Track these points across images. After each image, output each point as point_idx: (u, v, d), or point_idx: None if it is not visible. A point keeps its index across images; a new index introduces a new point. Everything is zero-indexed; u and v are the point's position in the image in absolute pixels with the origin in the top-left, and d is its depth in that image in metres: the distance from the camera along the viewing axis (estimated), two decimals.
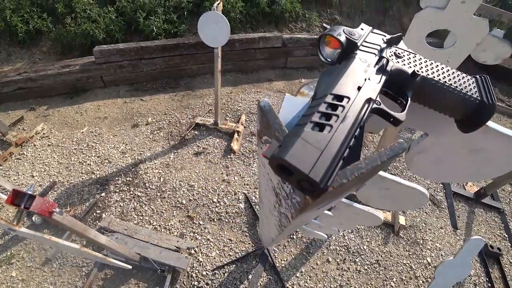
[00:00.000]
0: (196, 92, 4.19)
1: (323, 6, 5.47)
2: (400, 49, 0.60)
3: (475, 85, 0.56)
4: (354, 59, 0.53)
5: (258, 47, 4.34)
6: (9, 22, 4.40)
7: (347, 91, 0.44)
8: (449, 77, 0.56)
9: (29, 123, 3.84)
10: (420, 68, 0.56)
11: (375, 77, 0.50)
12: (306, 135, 0.36)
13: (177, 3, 4.50)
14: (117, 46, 3.98)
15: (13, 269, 2.40)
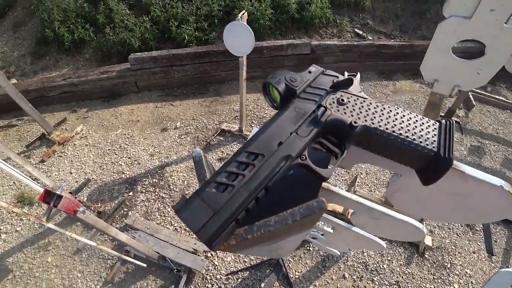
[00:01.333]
0: (224, 98, 4.27)
1: (355, 11, 5.35)
2: (348, 94, 0.54)
3: (436, 133, 0.49)
4: (288, 109, 0.51)
5: (286, 54, 4.34)
6: (58, 33, 4.82)
7: (263, 148, 0.44)
8: (400, 125, 0.50)
9: (70, 124, 4.15)
10: (364, 116, 0.50)
11: (304, 130, 0.48)
12: (205, 195, 0.38)
13: (208, 12, 4.64)
14: (151, 54, 4.18)
15: (49, 255, 2.65)
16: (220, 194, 0.39)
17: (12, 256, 2.68)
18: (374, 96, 4.24)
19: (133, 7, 5.03)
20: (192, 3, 4.69)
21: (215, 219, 0.37)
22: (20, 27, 5.96)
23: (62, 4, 5.04)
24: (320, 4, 4.76)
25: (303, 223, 0.41)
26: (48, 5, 5.14)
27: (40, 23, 5.44)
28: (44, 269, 2.56)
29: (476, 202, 0.62)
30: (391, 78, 4.64)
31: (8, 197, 3.21)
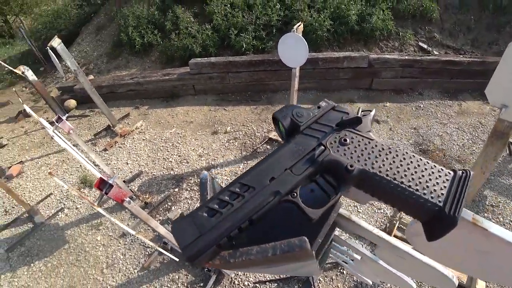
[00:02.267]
0: (276, 107, 4.31)
1: (421, 23, 5.02)
2: (353, 133, 0.51)
3: (446, 185, 0.44)
4: (288, 144, 0.51)
5: (342, 66, 4.24)
6: (130, 36, 5.34)
7: (255, 181, 0.46)
8: (404, 172, 0.45)
9: (132, 119, 4.55)
10: (365, 159, 0.47)
11: (299, 167, 0.47)
12: (196, 217, 0.43)
13: (267, 21, 4.75)
14: (209, 60, 4.41)
15: (99, 234, 2.93)
16: (209, 219, 0.42)
17: (70, 229, 3.03)
18: (436, 116, 3.92)
19: (197, 15, 5.37)
20: (252, 13, 4.84)
21: (199, 241, 0.41)
22: (101, 31, 6.72)
23: (136, 12, 5.59)
24: (382, 16, 4.57)
25: (286, 257, 0.42)
26: (125, 12, 5.74)
27: (117, 28, 6.09)
28: (93, 246, 2.84)
29: (503, 263, 0.53)
30: (456, 97, 4.25)
31: (74, 177, 3.65)
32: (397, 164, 0.46)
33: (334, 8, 4.63)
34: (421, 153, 3.38)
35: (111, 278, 2.58)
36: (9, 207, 3.43)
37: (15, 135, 4.90)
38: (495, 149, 1.75)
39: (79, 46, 6.77)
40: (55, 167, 3.92)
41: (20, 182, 3.77)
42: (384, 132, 3.67)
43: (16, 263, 2.83)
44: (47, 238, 2.99)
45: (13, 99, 6.02)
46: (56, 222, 3.13)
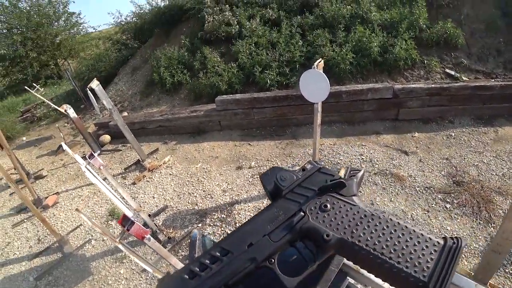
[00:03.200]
0: (300, 141, 4.32)
1: (446, 50, 4.92)
2: (336, 198, 0.50)
3: (435, 257, 0.40)
4: (269, 209, 0.51)
5: (366, 98, 4.21)
6: (162, 76, 5.74)
7: (234, 246, 0.47)
8: (386, 243, 0.43)
9: (161, 154, 4.75)
10: (345, 227, 0.46)
11: (277, 234, 0.47)
12: (179, 278, 0.45)
13: (290, 58, 4.91)
14: (234, 97, 4.59)
15: (122, 268, 2.97)
16: (189, 281, 0.45)
17: (95, 261, 3.12)
18: (469, 145, 3.71)
19: (224, 55, 5.68)
20: (276, 50, 5.04)
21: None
22: (136, 71, 7.28)
23: (168, 53, 6.03)
24: (404, 46, 4.56)
25: None
26: (158, 54, 6.22)
27: (150, 69, 6.57)
28: (116, 279, 2.89)
29: None
30: (491, 123, 4.02)
31: (103, 210, 3.83)
32: (378, 233, 0.44)
33: (355, 41, 4.71)
34: (456, 185, 3.17)
35: None
36: (43, 236, 3.64)
37: (54, 167, 5.31)
38: None
39: (116, 85, 7.35)
40: (87, 198, 4.15)
41: (55, 212, 4.01)
42: (414, 164, 3.51)
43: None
44: (74, 268, 3.11)
45: (56, 134, 6.57)
46: (83, 253, 3.26)
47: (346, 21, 5.08)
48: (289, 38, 5.13)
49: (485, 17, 5.07)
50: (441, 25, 4.78)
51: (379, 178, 3.38)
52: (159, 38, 7.59)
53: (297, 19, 5.32)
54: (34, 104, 9.53)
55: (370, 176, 3.43)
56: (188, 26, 6.87)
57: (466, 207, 2.91)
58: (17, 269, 3.29)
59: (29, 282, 3.08)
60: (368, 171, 3.51)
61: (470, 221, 2.79)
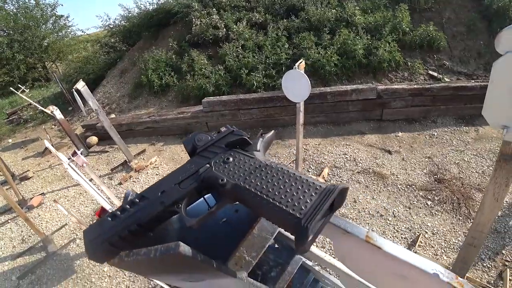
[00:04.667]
0: (285, 141, 4.36)
1: (429, 52, 5.05)
2: (238, 153, 0.57)
3: (314, 198, 0.45)
4: (185, 164, 0.58)
5: (350, 99, 4.29)
6: (150, 78, 5.75)
7: (150, 193, 0.54)
8: (273, 186, 0.48)
9: (148, 155, 4.74)
10: (240, 175, 0.51)
11: (186, 183, 0.54)
12: (102, 221, 0.51)
13: (277, 60, 4.98)
14: (221, 98, 4.62)
15: (106, 266, 2.94)
16: (109, 222, 0.50)
17: (79, 259, 3.13)
18: (451, 144, 3.80)
19: (211, 58, 5.72)
20: (262, 53, 5.10)
21: (97, 239, 0.48)
22: (124, 74, 7.26)
23: (156, 56, 6.04)
24: (388, 48, 4.66)
25: (167, 262, 0.49)
26: (146, 57, 6.22)
27: (138, 71, 6.56)
28: (99, 277, 2.89)
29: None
30: (472, 123, 4.13)
31: (89, 209, 3.82)
32: (267, 179, 0.49)
33: (340, 44, 4.80)
34: (437, 182, 3.25)
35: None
36: (27, 236, 3.61)
37: (40, 168, 5.26)
38: (505, 173, 1.67)
39: (104, 88, 7.30)
40: (73, 199, 4.12)
41: (40, 212, 3.98)
42: (397, 163, 3.59)
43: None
44: (57, 267, 3.10)
45: (43, 136, 6.50)
46: (68, 252, 3.25)
47: (331, 24, 5.18)
48: (276, 41, 5.20)
49: (465, 21, 5.23)
50: (424, 28, 4.91)
51: (362, 177, 3.44)
52: (147, 41, 7.59)
53: (283, 23, 5.41)
54: (20, 107, 9.39)
55: (354, 174, 3.49)
56: (176, 29, 6.89)
57: (447, 203, 2.99)
58: (0, 268, 3.26)
59: (12, 281, 3.06)
60: (352, 170, 3.57)
61: (450, 217, 2.86)
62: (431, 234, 2.74)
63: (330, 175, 3.56)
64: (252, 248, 0.67)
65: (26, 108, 8.89)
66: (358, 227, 0.53)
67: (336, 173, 3.58)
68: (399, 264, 0.48)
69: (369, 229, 2.74)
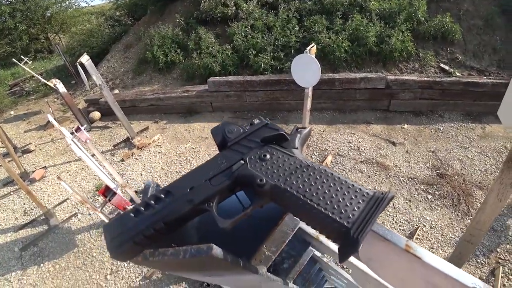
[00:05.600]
0: (290, 126, 4.32)
1: (442, 44, 4.93)
2: (276, 149, 0.52)
3: (362, 206, 0.42)
4: (215, 158, 0.54)
5: (358, 87, 4.22)
6: (155, 55, 5.63)
7: (177, 188, 0.50)
8: (316, 190, 0.45)
9: (151, 133, 4.71)
10: (279, 175, 0.48)
11: (218, 179, 0.50)
12: (123, 216, 0.48)
13: (286, 42, 4.86)
14: (227, 79, 4.54)
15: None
16: (132, 218, 0.47)
17: (81, 234, 3.16)
18: (456, 140, 3.77)
19: (219, 36, 5.59)
20: (271, 34, 4.97)
21: (120, 237, 0.46)
22: (129, 49, 7.12)
23: (162, 32, 5.90)
24: (401, 37, 4.54)
25: (195, 262, 0.46)
26: (152, 32, 6.07)
27: (143, 47, 6.43)
28: (100, 252, 2.93)
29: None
30: (480, 120, 4.08)
31: (91, 185, 3.83)
32: (310, 182, 0.46)
33: (352, 30, 4.67)
34: (439, 177, 3.24)
35: (113, 284, 2.63)
36: (29, 208, 3.64)
37: (42, 142, 5.24)
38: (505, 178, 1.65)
39: (108, 62, 7.18)
40: (75, 173, 4.13)
41: (42, 186, 3.98)
42: (400, 155, 3.56)
43: (28, 262, 2.98)
44: (59, 240, 3.13)
45: (45, 109, 6.44)
46: (69, 226, 3.28)
47: (344, 8, 5.03)
48: (286, 23, 5.06)
49: (484, 14, 5.07)
50: (440, 19, 4.77)
51: (365, 166, 3.42)
52: (153, 16, 7.40)
53: (294, 4, 5.25)
54: (23, 78, 9.27)
55: (357, 164, 3.47)
56: (184, 4, 6.70)
57: (447, 199, 2.98)
58: (2, 239, 3.30)
59: (14, 252, 3.10)
60: (355, 159, 3.55)
61: (449, 212, 2.86)
62: (429, 228, 2.75)
63: (333, 163, 3.54)
64: (272, 243, 0.64)
65: (28, 80, 8.77)
66: (398, 235, 0.50)
67: (339, 161, 3.56)
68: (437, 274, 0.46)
69: None
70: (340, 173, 0.47)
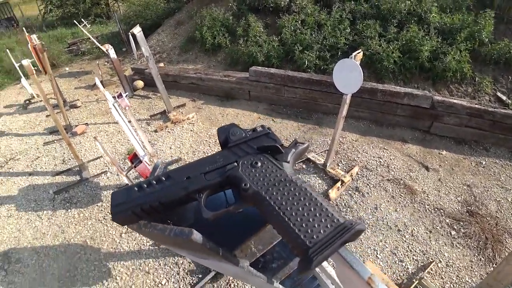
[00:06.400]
0: (323, 129, 4.26)
1: (504, 71, 4.54)
2: (268, 160, 0.56)
3: (328, 230, 0.43)
4: (215, 155, 0.59)
5: (401, 102, 4.04)
6: (203, 35, 5.75)
7: (177, 175, 0.56)
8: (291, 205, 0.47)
9: (187, 110, 4.89)
10: (264, 184, 0.51)
11: (211, 175, 0.56)
12: (129, 189, 0.55)
13: (334, 43, 4.75)
14: (269, 70, 4.55)
15: None
16: (136, 192, 0.54)
17: (107, 190, 3.45)
18: (498, 178, 3.48)
19: (268, 26, 5.57)
20: (321, 33, 4.88)
21: (122, 205, 0.53)
22: (180, 26, 7.32)
23: (213, 14, 5.99)
24: (458, 57, 4.25)
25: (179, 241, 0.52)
26: (203, 13, 6.19)
27: (193, 26, 6.58)
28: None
29: None
30: None
31: (124, 148, 4.11)
32: (288, 197, 0.49)
33: (406, 40, 4.46)
34: (468, 215, 3.01)
35: (126, 243, 2.84)
36: (67, 158, 4.02)
37: (88, 100, 5.66)
38: None
39: (159, 35, 7.45)
40: (111, 135, 4.45)
41: (81, 140, 4.35)
42: (431, 182, 3.39)
43: (58, 205, 3.31)
44: (87, 192, 3.42)
45: (96, 70, 6.88)
46: (98, 181, 3.56)
47: (402, 17, 4.79)
48: (338, 23, 4.93)
49: None
50: (506, 43, 4.39)
51: (391, 186, 3.31)
52: None
53: (350, 5, 5.08)
54: (80, 39, 9.88)
55: (383, 181, 3.36)
56: None
57: (472, 239, 2.78)
58: (41, 181, 3.68)
59: (49, 194, 3.45)
60: (382, 175, 3.44)
61: (471, 254, 2.67)
62: (445, 265, 2.60)
63: (359, 175, 3.46)
64: (260, 241, 0.69)
65: (85, 41, 9.35)
66: (364, 267, 0.54)
67: (365, 174, 3.47)
68: None
69: (382, 240, 2.66)
70: (320, 195, 0.49)
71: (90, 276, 2.61)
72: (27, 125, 5.09)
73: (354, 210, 3.02)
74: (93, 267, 2.68)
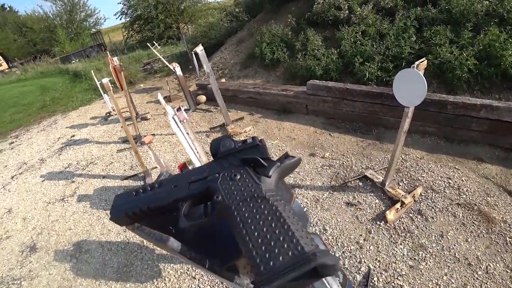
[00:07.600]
0: (384, 145, 4.00)
1: None
2: (248, 173, 0.53)
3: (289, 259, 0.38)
4: (204, 165, 0.61)
5: (477, 115, 3.58)
6: (263, 51, 5.97)
7: (167, 184, 0.58)
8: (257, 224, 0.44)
9: (244, 123, 5.07)
10: (237, 198, 0.49)
11: (194, 185, 0.56)
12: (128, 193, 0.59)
13: (398, 53, 4.50)
14: (327, 84, 4.49)
15: None
16: (133, 195, 0.58)
17: None
18: None
19: (326, 40, 5.54)
20: (383, 43, 4.67)
21: (119, 208, 0.57)
22: (241, 43, 7.71)
23: (273, 30, 6.19)
24: None
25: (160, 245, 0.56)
26: (263, 30, 6.43)
27: (253, 42, 6.88)
28: None
29: None
30: None
31: (184, 158, 4.43)
32: (255, 214, 0.46)
33: (483, 45, 4.00)
34: None
35: None
36: (135, 165, 4.50)
37: (157, 113, 6.31)
38: None
39: (221, 53, 7.94)
40: (174, 145, 4.86)
41: (147, 149, 4.80)
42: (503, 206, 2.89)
43: None
44: None
45: (165, 86, 7.66)
46: None
47: (478, 19, 4.31)
48: (402, 31, 4.67)
49: None
50: None
51: (462, 211, 2.89)
52: (268, 14, 7.79)
53: (415, 11, 4.77)
54: (154, 59, 11.08)
55: (452, 205, 2.96)
56: (298, 5, 6.85)
57: None
58: (112, 183, 4.21)
59: None
60: (451, 199, 3.03)
61: None
62: None
63: (423, 197, 3.12)
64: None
65: (157, 61, 10.45)
66: None
67: (430, 196, 3.10)
68: None
69: (446, 273, 2.36)
70: (291, 216, 0.44)
71: (143, 274, 2.83)
72: (106, 134, 5.93)
73: (415, 236, 2.73)
74: (146, 266, 2.90)
